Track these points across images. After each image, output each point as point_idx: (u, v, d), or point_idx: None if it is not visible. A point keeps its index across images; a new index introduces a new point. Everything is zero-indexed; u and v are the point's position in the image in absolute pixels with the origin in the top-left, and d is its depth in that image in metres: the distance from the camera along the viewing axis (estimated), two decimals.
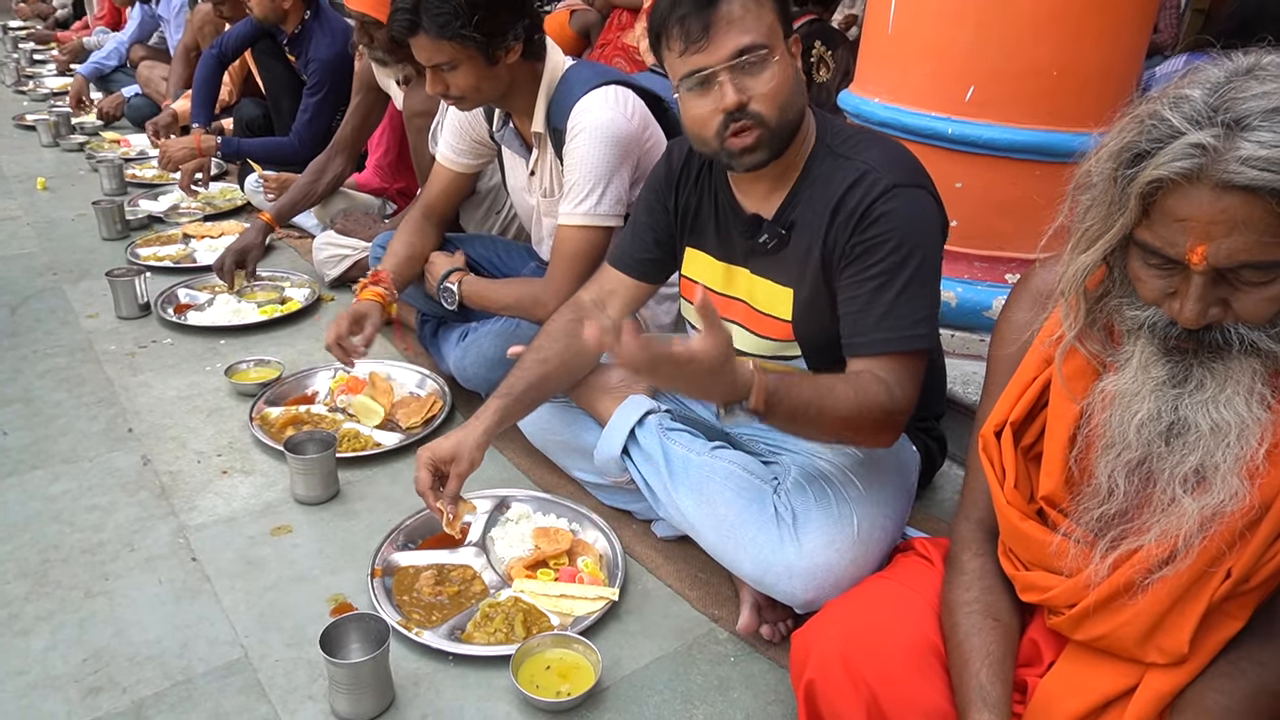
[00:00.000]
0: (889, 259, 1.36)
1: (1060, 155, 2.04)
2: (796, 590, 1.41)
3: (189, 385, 2.34)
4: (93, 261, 3.11)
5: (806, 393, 1.29)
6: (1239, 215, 0.80)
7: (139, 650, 1.50)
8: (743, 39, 1.32)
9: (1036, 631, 1.10)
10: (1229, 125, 0.80)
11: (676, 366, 1.14)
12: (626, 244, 1.74)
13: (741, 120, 1.35)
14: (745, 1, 1.33)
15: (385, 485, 1.96)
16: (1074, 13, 1.93)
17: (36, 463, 1.99)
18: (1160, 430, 0.92)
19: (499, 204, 2.67)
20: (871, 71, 2.28)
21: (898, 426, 1.41)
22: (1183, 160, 0.81)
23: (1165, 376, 0.91)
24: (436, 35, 1.78)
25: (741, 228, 1.53)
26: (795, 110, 1.39)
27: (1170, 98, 0.84)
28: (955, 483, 2.02)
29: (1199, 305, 0.85)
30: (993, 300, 2.12)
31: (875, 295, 1.37)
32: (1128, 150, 0.86)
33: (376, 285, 2.08)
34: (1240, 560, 0.91)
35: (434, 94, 1.92)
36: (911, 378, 1.38)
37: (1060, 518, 1.04)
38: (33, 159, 4.40)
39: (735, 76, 1.34)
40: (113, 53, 5.34)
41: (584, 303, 1.74)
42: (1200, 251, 0.83)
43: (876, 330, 1.37)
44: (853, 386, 1.34)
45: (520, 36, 1.86)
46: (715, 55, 1.33)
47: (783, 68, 1.36)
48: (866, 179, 1.38)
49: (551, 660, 1.45)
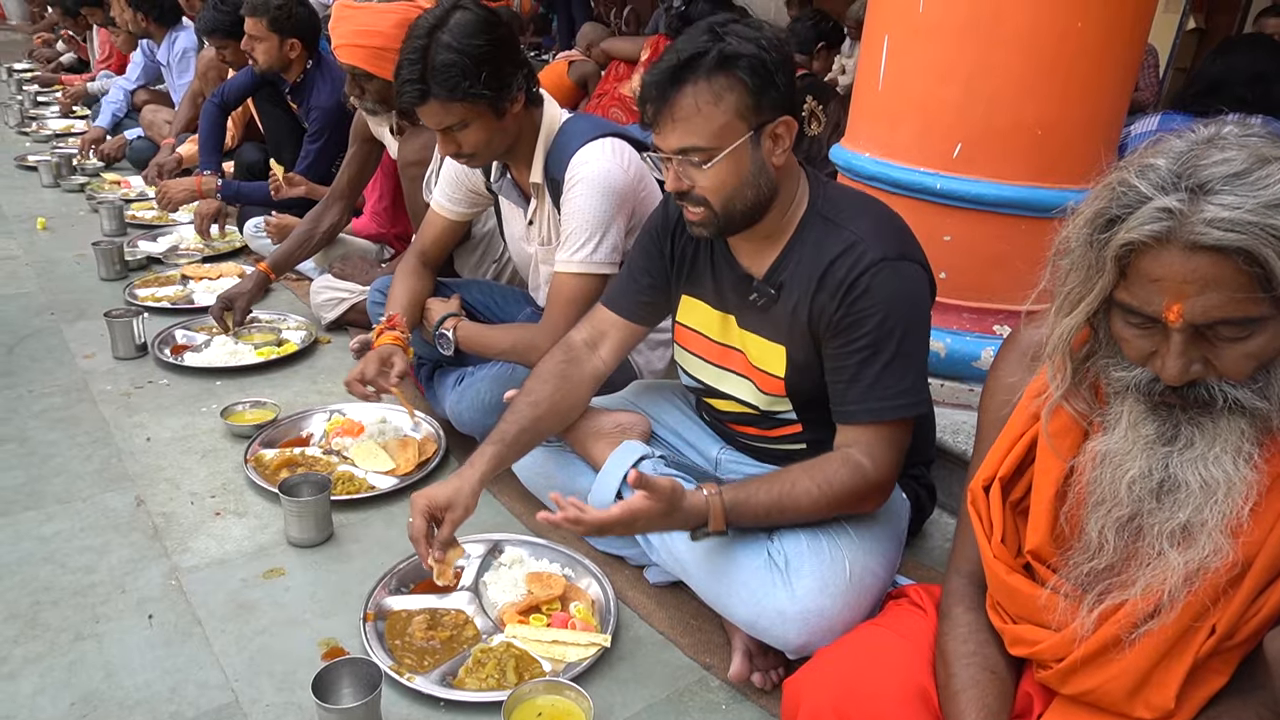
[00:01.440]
0: (874, 333, 1.40)
1: (1045, 210, 2.09)
2: (790, 635, 1.41)
3: (184, 426, 2.35)
4: (90, 302, 3.13)
5: (765, 500, 1.42)
6: (1209, 274, 0.84)
7: (129, 694, 1.49)
8: (685, 140, 1.38)
9: (1028, 683, 1.11)
10: (1193, 190, 0.84)
11: (625, 526, 1.37)
12: (622, 286, 1.76)
13: (685, 201, 1.44)
14: (699, 101, 1.35)
15: (379, 528, 1.96)
16: (1059, 72, 1.99)
17: (29, 503, 1.99)
18: (1151, 488, 0.94)
19: (494, 250, 2.71)
20: (862, 126, 2.34)
21: (880, 495, 1.48)
22: (1152, 224, 0.85)
23: (1154, 434, 0.94)
24: (447, 99, 1.81)
25: (735, 282, 1.57)
26: (745, 200, 1.43)
27: (1138, 167, 0.89)
28: (945, 530, 2.03)
29: (1180, 361, 0.88)
30: (981, 351, 2.16)
31: (860, 369, 1.42)
32: (1100, 216, 0.90)
33: (393, 330, 2.11)
34: (1224, 616, 0.93)
35: (446, 155, 1.95)
36: (894, 446, 1.45)
37: (1048, 573, 1.05)
38: (33, 199, 4.44)
39: (680, 165, 1.41)
40: (123, 102, 5.42)
41: (575, 343, 1.77)
42: (1176, 309, 0.86)
43: (862, 401, 1.43)
44: (816, 479, 1.42)
45: (522, 86, 1.91)
46: (664, 143, 1.41)
47: (730, 164, 1.38)
48: (855, 250, 1.42)
49: (543, 707, 1.45)
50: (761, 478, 1.47)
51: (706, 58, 1.35)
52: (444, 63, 1.78)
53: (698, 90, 1.35)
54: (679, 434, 1.85)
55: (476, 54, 1.79)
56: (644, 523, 1.37)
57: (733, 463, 1.76)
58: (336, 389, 2.61)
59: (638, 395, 1.95)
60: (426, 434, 2.31)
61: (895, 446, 1.46)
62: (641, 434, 1.80)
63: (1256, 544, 0.92)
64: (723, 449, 1.78)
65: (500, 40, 1.85)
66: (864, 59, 2.32)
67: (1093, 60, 2.00)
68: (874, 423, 1.44)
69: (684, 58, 1.35)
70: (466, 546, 1.83)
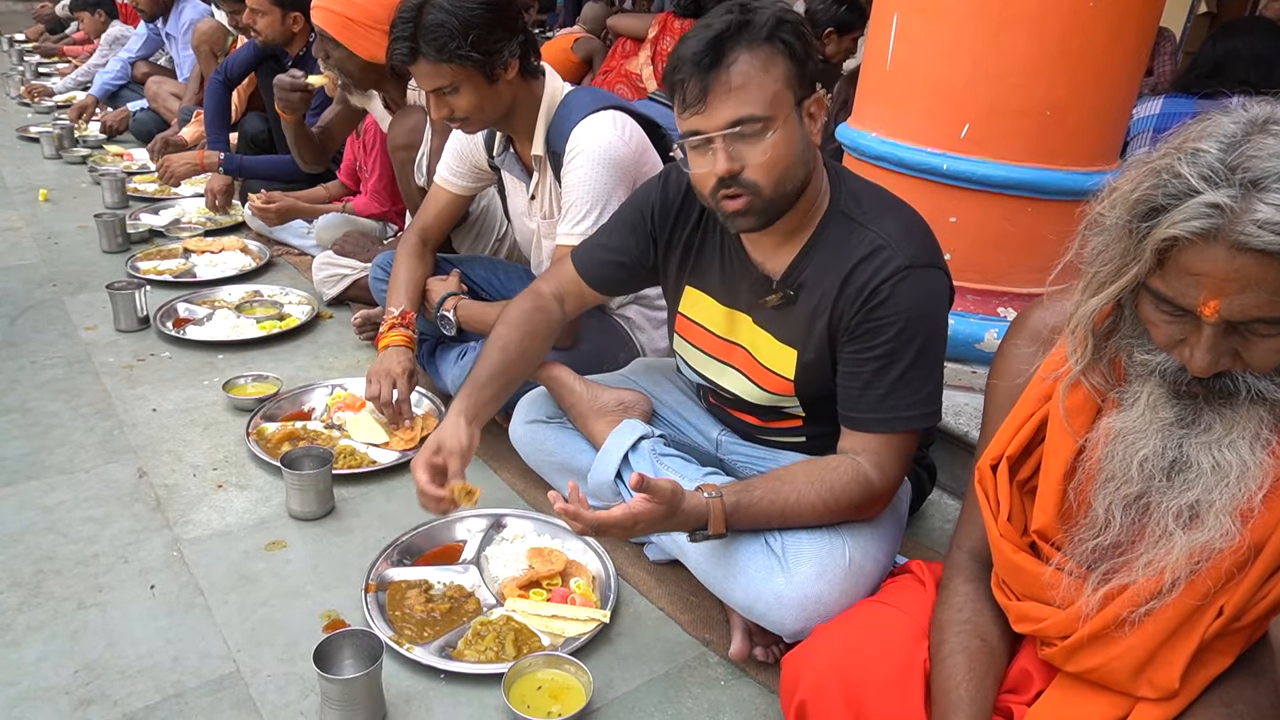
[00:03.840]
0: (893, 341, 1.37)
1: (1053, 192, 2.08)
2: (786, 620, 1.41)
3: (186, 399, 2.35)
4: (93, 274, 3.13)
5: (768, 509, 1.41)
6: (1253, 275, 0.81)
7: (131, 663, 1.50)
8: (740, 110, 1.29)
9: (1028, 660, 1.11)
10: (1245, 186, 0.80)
11: (624, 529, 1.34)
12: (590, 249, 1.74)
13: (733, 187, 1.34)
14: (749, 68, 1.28)
15: (380, 502, 1.97)
16: (1069, 54, 1.97)
17: (32, 473, 2.00)
18: (1163, 466, 0.93)
19: (489, 229, 2.68)
20: (869, 106, 2.32)
21: (882, 502, 1.46)
22: (1199, 220, 0.81)
23: (1174, 418, 0.93)
24: (435, 59, 1.82)
25: (749, 281, 1.53)
26: (796, 179, 1.36)
27: (1186, 150, 0.84)
28: (945, 511, 2.04)
29: (1210, 355, 0.86)
30: (985, 333, 2.15)
31: (875, 376, 1.39)
32: (1143, 203, 0.86)
33: (404, 328, 2.12)
34: (1233, 598, 0.93)
35: (439, 119, 1.95)
36: (900, 457, 1.43)
37: (1053, 551, 1.05)
38: (35, 171, 4.42)
39: (730, 144, 1.31)
40: (120, 72, 5.40)
41: (543, 293, 1.76)
42: (1213, 305, 0.84)
43: (874, 410, 1.40)
44: (822, 494, 1.40)
45: (516, 54, 1.91)
46: (711, 121, 1.30)
47: (785, 137, 1.31)
48: (880, 254, 1.37)
49: (543, 681, 1.46)
50: (765, 481, 1.44)
51: (753, 26, 1.29)
52: (434, 23, 1.79)
53: (751, 56, 1.28)
54: (680, 414, 1.85)
55: (467, 17, 1.80)
56: (644, 525, 1.35)
57: (733, 444, 1.75)
58: (338, 363, 2.61)
59: (640, 374, 1.94)
60: (428, 409, 2.31)
61: (903, 456, 1.43)
62: (643, 413, 1.80)
63: (1268, 527, 0.92)
64: (723, 431, 1.78)
65: (495, 5, 1.85)
66: (872, 39, 2.30)
67: (1104, 41, 1.98)
68: (883, 433, 1.41)
69: (732, 24, 1.29)
70: (469, 521, 1.84)
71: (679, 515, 1.36)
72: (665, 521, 1.36)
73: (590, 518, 1.34)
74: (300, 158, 3.12)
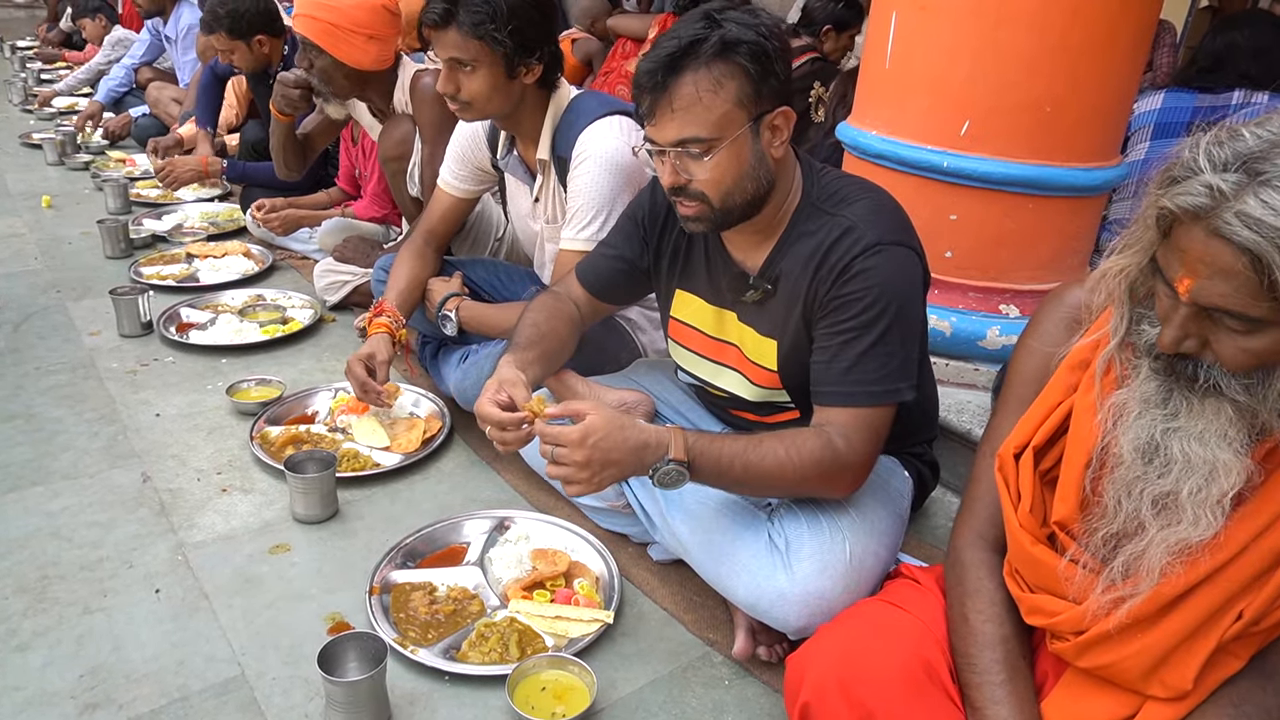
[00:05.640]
0: (863, 315, 1.37)
1: (1053, 189, 2.07)
2: (789, 617, 1.41)
3: (190, 404, 2.35)
4: (96, 279, 3.13)
5: (731, 448, 1.38)
6: (1222, 264, 0.82)
7: (136, 667, 1.50)
8: (684, 131, 1.32)
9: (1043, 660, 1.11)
10: (1249, 175, 0.81)
11: (579, 446, 1.30)
12: (594, 258, 1.76)
13: (682, 196, 1.40)
14: (698, 89, 1.30)
15: (384, 505, 1.97)
16: (1069, 49, 1.97)
17: (37, 479, 2.00)
18: (1141, 448, 0.94)
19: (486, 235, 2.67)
20: (869, 104, 2.32)
21: (853, 478, 1.44)
22: (1190, 196, 0.83)
23: (1152, 393, 0.95)
24: (469, 31, 1.82)
25: (730, 278, 1.55)
26: (746, 193, 1.39)
27: (1228, 131, 0.86)
28: (947, 508, 2.04)
29: (1176, 333, 0.89)
30: (986, 330, 2.15)
31: (842, 349, 1.39)
32: (1169, 172, 0.88)
33: (381, 317, 2.12)
34: (1255, 602, 0.94)
35: (444, 93, 1.94)
36: (870, 431, 1.41)
37: (1069, 541, 1.05)
38: (38, 177, 4.43)
39: (678, 158, 1.36)
40: (124, 79, 5.41)
41: (559, 293, 1.78)
42: (1186, 284, 0.86)
43: (840, 383, 1.40)
44: (785, 443, 1.38)
45: (543, 60, 1.92)
46: (660, 135, 1.35)
47: (731, 155, 1.34)
48: (850, 234, 1.39)
49: (547, 681, 1.46)
50: (730, 434, 1.46)
51: (706, 44, 1.30)
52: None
53: (698, 78, 1.30)
54: (682, 413, 1.85)
55: (514, 4, 1.82)
56: (601, 440, 1.30)
57: None
58: (341, 367, 2.60)
59: (642, 374, 1.95)
60: (431, 412, 2.31)
61: (872, 432, 1.41)
62: (645, 413, 1.80)
63: None
64: (724, 429, 1.78)
65: (541, 6, 1.87)
66: (871, 36, 2.30)
67: (1103, 36, 1.98)
68: (848, 406, 1.40)
69: (682, 45, 1.30)
70: (473, 523, 1.85)
71: (632, 430, 1.33)
72: (622, 434, 1.32)
73: (545, 430, 1.35)
74: (283, 163, 3.08)
